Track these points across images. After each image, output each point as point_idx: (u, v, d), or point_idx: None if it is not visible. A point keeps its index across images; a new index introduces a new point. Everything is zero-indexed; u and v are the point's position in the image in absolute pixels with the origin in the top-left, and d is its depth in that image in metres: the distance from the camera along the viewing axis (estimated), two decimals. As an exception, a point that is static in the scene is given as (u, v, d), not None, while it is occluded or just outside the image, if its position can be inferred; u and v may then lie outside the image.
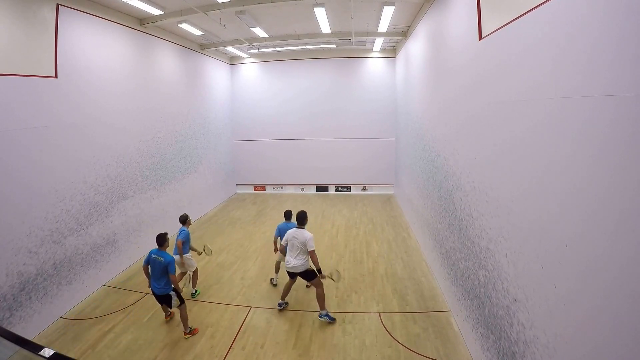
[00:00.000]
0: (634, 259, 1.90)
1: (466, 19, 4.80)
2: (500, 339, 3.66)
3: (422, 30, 7.87)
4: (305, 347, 4.84)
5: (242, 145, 14.10)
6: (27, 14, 5.18)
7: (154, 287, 4.99)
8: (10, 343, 1.55)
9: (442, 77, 6.24)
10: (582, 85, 2.36)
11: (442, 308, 5.69)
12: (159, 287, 4.93)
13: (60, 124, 5.79)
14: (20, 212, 5.04)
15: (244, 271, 7.18)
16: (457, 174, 5.27)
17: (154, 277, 4.97)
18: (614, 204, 2.05)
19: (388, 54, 12.82)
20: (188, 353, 4.72)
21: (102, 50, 6.80)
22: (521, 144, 3.20)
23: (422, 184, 7.85)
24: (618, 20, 2.04)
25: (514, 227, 3.35)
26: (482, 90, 4.20)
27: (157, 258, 4.93)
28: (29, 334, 5.04)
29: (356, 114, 13.24)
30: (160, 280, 4.92)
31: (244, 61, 13.70)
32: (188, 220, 6.17)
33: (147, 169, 8.32)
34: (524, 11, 3.13)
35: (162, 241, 5.03)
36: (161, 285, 4.92)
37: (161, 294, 4.96)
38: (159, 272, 4.91)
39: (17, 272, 4.99)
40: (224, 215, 11.33)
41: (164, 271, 4.87)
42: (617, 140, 2.03)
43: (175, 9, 7.42)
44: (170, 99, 9.42)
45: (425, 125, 7.58)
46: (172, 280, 4.88)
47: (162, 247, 5.02)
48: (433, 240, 6.83)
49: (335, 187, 13.94)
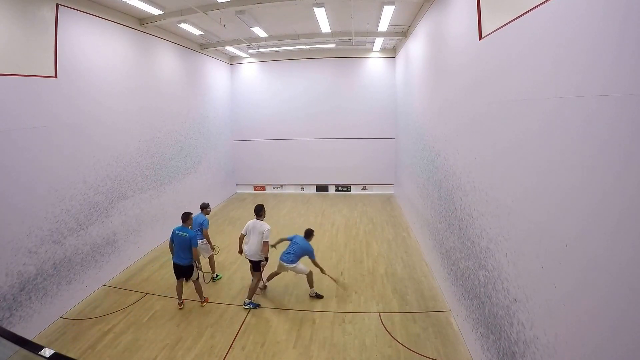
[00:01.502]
0: (634, 259, 1.90)
1: (466, 18, 4.80)
2: (500, 338, 3.66)
3: (422, 30, 7.87)
4: (305, 346, 4.85)
5: (242, 145, 14.10)
6: (27, 14, 5.17)
7: (180, 259, 5.55)
8: (10, 343, 1.55)
9: (442, 76, 6.24)
10: (582, 85, 2.36)
11: (442, 308, 5.69)
12: (185, 258, 5.54)
13: (60, 124, 5.78)
14: (20, 212, 5.03)
15: (244, 271, 7.17)
16: (457, 174, 5.27)
17: (180, 250, 5.53)
18: (614, 204, 2.05)
19: (388, 53, 12.82)
20: (188, 353, 4.72)
21: (102, 50, 6.80)
22: (521, 143, 3.20)
23: (422, 183, 7.85)
24: (618, 20, 2.04)
25: (514, 227, 3.34)
26: (482, 90, 4.20)
27: (181, 234, 5.55)
28: (28, 333, 5.03)
29: (356, 113, 13.23)
30: (185, 253, 5.52)
31: (243, 61, 13.69)
32: (208, 209, 6.74)
33: (147, 169, 8.32)
34: (524, 11, 3.12)
35: (186, 218, 5.72)
36: (187, 256, 5.53)
37: (186, 265, 5.55)
38: (184, 246, 5.51)
39: (16, 272, 4.99)
40: (224, 215, 11.33)
41: (189, 244, 5.49)
42: (617, 140, 2.03)
43: (175, 9, 7.41)
44: (170, 99, 9.42)
45: (426, 125, 7.58)
46: (194, 252, 5.57)
47: (185, 224, 5.68)
48: (433, 240, 6.83)
49: (335, 187, 13.94)
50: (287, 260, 5.83)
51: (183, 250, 5.52)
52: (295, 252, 5.86)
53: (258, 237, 5.66)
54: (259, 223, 5.78)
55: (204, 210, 6.64)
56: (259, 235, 5.65)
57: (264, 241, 5.60)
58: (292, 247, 5.93)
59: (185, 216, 5.72)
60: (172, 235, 5.65)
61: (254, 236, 5.73)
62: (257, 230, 5.70)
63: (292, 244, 5.97)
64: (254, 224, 5.81)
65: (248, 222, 5.92)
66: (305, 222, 9.98)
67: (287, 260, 5.83)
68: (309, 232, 6.17)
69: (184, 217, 5.71)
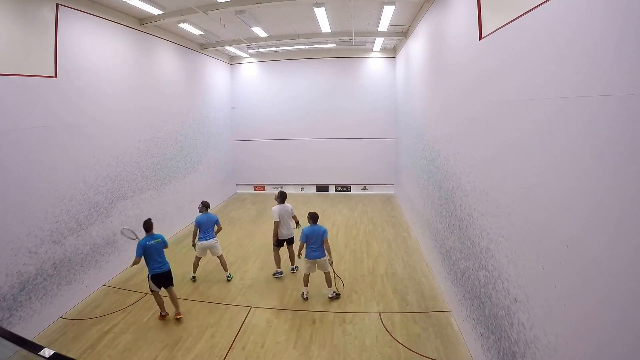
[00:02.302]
0: (634, 259, 1.89)
1: (466, 18, 4.79)
2: (501, 339, 3.66)
3: (422, 29, 7.86)
4: (306, 347, 4.84)
5: (242, 145, 14.09)
6: (27, 13, 5.17)
7: (159, 266, 5.34)
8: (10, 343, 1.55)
9: (442, 76, 6.23)
10: (582, 84, 2.36)
11: (443, 308, 5.69)
12: (166, 262, 5.41)
13: (60, 124, 5.78)
14: (19, 212, 5.03)
15: (243, 271, 7.18)
16: (457, 174, 5.26)
17: (157, 256, 5.33)
18: (614, 203, 2.05)
19: (388, 53, 12.82)
20: (188, 353, 4.72)
21: (102, 50, 6.79)
22: (522, 143, 3.20)
23: (423, 183, 7.85)
24: (618, 20, 2.04)
25: (515, 227, 3.34)
26: (483, 89, 4.20)
27: (154, 242, 5.32)
28: (28, 334, 5.03)
29: (356, 113, 13.22)
30: (163, 257, 5.39)
31: (243, 61, 13.69)
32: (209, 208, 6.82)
33: (147, 169, 8.32)
34: (524, 11, 3.12)
35: (150, 226, 5.50)
36: (164, 260, 5.39)
37: (167, 270, 5.39)
38: (160, 251, 5.38)
39: (16, 272, 4.99)
40: (224, 215, 11.32)
41: (163, 246, 5.42)
42: (618, 140, 2.03)
43: (175, 9, 7.40)
44: (170, 99, 9.42)
45: (426, 125, 7.57)
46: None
47: (150, 232, 5.45)
48: (433, 240, 6.83)
49: (336, 187, 13.94)
50: (318, 255, 5.87)
51: (160, 255, 5.34)
52: (319, 243, 5.87)
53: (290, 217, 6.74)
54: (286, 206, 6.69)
55: (208, 208, 6.72)
56: (290, 215, 6.73)
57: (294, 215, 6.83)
58: (314, 241, 5.86)
59: (148, 224, 5.46)
60: (143, 249, 5.21)
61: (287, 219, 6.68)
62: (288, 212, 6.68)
63: (312, 240, 5.87)
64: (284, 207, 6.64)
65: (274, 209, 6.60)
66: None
67: (318, 255, 5.87)
68: (315, 216, 6.10)
69: (148, 226, 5.45)
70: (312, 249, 5.91)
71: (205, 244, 6.45)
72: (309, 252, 5.94)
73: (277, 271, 6.84)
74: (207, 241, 6.45)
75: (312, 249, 5.91)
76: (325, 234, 5.93)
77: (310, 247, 5.92)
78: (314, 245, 5.90)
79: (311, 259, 5.91)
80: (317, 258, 5.90)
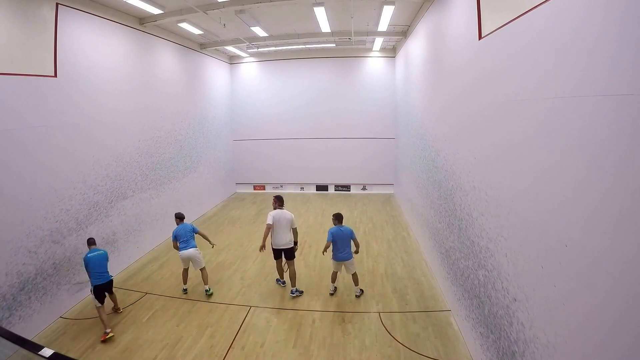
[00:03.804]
0: (634, 259, 1.90)
1: (466, 18, 4.80)
2: (500, 338, 3.66)
3: (422, 29, 7.86)
4: (305, 346, 4.85)
5: (241, 144, 14.09)
6: (26, 13, 5.16)
7: (102, 277, 5.28)
8: (9, 343, 1.55)
9: (442, 76, 6.24)
10: (582, 84, 2.36)
11: (442, 307, 5.70)
12: (105, 273, 5.36)
13: (60, 123, 5.78)
14: (19, 212, 5.03)
15: (243, 271, 7.18)
16: (457, 174, 5.27)
17: (98, 270, 5.28)
18: (614, 203, 2.05)
19: (388, 53, 12.81)
20: (188, 353, 4.72)
21: (102, 50, 6.79)
22: (521, 143, 3.20)
23: (422, 183, 7.85)
24: (618, 20, 2.04)
25: (514, 227, 3.35)
26: (483, 89, 4.20)
27: (96, 254, 5.36)
28: (28, 333, 5.03)
29: (356, 113, 13.22)
30: (102, 268, 5.34)
31: (243, 60, 13.69)
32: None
33: (147, 169, 8.31)
34: (524, 11, 3.12)
35: (92, 242, 5.58)
36: (104, 271, 5.35)
37: (108, 280, 5.38)
38: (103, 262, 5.37)
39: (16, 271, 4.99)
40: (224, 214, 11.33)
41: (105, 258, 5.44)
42: (618, 140, 2.03)
43: (174, 8, 7.40)
44: (170, 99, 9.41)
45: (425, 124, 7.57)
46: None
47: (93, 246, 5.52)
48: (433, 239, 6.83)
49: (335, 186, 13.94)
50: (345, 256, 5.83)
51: (101, 266, 5.31)
52: (346, 244, 5.83)
53: (288, 225, 6.04)
54: (285, 212, 6.08)
55: (183, 220, 6.44)
56: (288, 223, 6.04)
57: (294, 227, 6.12)
58: (342, 242, 5.81)
59: (91, 241, 5.55)
60: (86, 263, 5.25)
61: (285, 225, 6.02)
62: (286, 219, 6.03)
63: (339, 241, 5.81)
64: (282, 213, 6.04)
65: (272, 213, 6.05)
66: (305, 222, 10.00)
67: (345, 256, 5.83)
68: (340, 217, 6.02)
69: (91, 241, 5.53)
70: (339, 251, 5.84)
71: (186, 253, 6.10)
72: (335, 254, 5.88)
73: (280, 280, 6.56)
74: (187, 250, 6.12)
75: (338, 250, 5.84)
76: (352, 235, 5.92)
77: (337, 249, 5.85)
78: (340, 246, 5.83)
79: (338, 260, 5.87)
80: (343, 260, 5.85)
